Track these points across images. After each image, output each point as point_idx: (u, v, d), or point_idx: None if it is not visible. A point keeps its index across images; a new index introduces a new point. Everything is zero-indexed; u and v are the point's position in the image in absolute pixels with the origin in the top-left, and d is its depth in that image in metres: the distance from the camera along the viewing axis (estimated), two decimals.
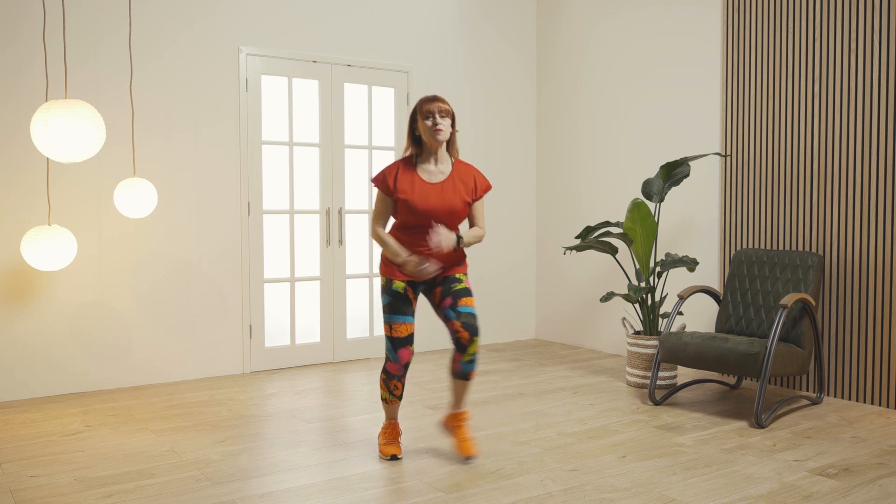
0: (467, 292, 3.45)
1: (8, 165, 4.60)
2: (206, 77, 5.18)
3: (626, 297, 4.92)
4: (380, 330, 5.98)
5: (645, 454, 3.59)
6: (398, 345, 3.43)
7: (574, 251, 5.40)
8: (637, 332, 5.03)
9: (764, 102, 4.95)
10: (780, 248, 4.87)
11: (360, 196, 5.84)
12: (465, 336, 3.36)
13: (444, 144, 3.45)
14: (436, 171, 3.43)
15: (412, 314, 3.46)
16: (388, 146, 5.95)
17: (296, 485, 3.21)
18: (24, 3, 4.60)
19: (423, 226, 3.40)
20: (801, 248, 4.77)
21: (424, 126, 3.37)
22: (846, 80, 4.52)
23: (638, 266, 5.31)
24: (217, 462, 3.49)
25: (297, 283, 5.61)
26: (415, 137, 3.46)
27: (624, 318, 5.10)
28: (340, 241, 5.73)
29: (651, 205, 5.74)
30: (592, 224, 5.90)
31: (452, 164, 3.47)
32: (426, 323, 6.17)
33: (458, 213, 3.42)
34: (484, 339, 6.49)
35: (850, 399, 4.56)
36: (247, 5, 5.31)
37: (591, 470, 3.37)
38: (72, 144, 3.23)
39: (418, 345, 6.14)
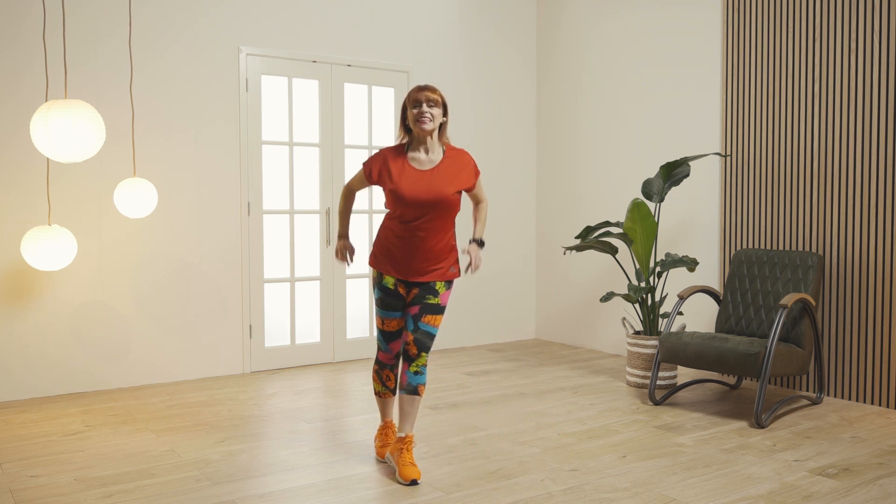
0: (437, 309, 3.36)
1: (8, 165, 4.60)
2: (206, 77, 5.18)
3: (626, 297, 4.92)
4: None
5: (645, 454, 3.59)
6: (388, 338, 3.44)
7: (574, 251, 5.40)
8: (637, 332, 5.03)
9: (764, 102, 4.95)
10: (780, 248, 4.87)
11: (360, 196, 5.84)
12: (413, 351, 3.34)
13: (436, 133, 3.35)
14: (426, 159, 3.34)
15: (402, 309, 3.40)
16: (388, 146, 5.95)
17: (296, 485, 3.21)
18: (24, 3, 4.60)
19: (416, 219, 3.30)
20: (801, 248, 4.77)
21: (411, 115, 3.30)
22: (846, 80, 4.52)
23: (638, 266, 5.31)
24: (217, 462, 3.49)
25: (297, 283, 5.61)
26: (406, 126, 3.40)
27: (624, 318, 5.10)
28: None
29: (651, 205, 5.74)
30: (592, 224, 5.90)
31: (444, 153, 3.38)
32: None
33: (448, 201, 3.29)
34: (484, 338, 6.49)
35: (850, 399, 4.56)
36: (247, 5, 5.31)
37: (591, 470, 3.37)
38: (72, 144, 3.23)
39: None
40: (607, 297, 4.94)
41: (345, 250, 3.59)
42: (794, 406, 4.46)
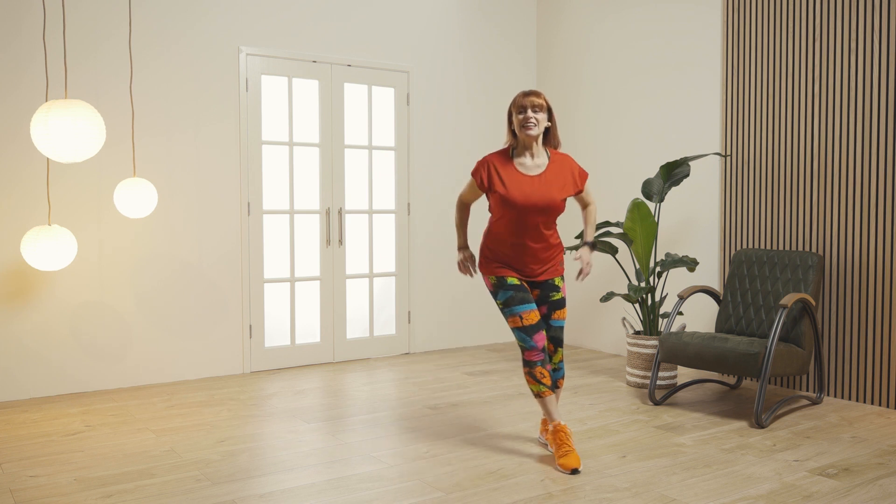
0: (562, 303, 3.54)
1: (8, 165, 4.60)
2: (206, 77, 5.18)
3: (626, 297, 4.92)
4: (379, 330, 5.98)
5: (645, 454, 3.59)
6: (532, 331, 3.42)
7: (574, 251, 5.40)
8: (637, 332, 5.03)
9: (764, 102, 4.95)
10: (780, 248, 4.87)
11: (361, 196, 5.84)
12: (550, 348, 3.55)
13: (541, 138, 3.44)
14: (532, 164, 3.42)
15: (533, 301, 3.47)
16: (389, 146, 5.95)
17: (296, 485, 3.21)
18: (24, 3, 4.60)
19: (526, 223, 3.39)
20: (801, 248, 4.77)
21: (517, 120, 3.38)
22: (846, 80, 4.52)
23: (638, 266, 5.31)
24: (217, 462, 3.49)
25: (297, 283, 5.61)
26: (513, 130, 3.46)
27: (624, 318, 5.10)
28: (340, 241, 5.73)
29: (651, 205, 5.74)
30: None
31: (549, 157, 3.46)
32: (425, 322, 6.17)
33: (556, 206, 3.39)
34: (484, 339, 6.50)
35: (850, 399, 4.56)
36: (247, 5, 5.31)
37: (591, 470, 3.37)
38: (72, 144, 3.23)
39: (420, 345, 6.14)
40: (607, 297, 4.94)
41: (466, 262, 3.65)
42: (794, 406, 4.46)
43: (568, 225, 6.43)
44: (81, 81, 4.78)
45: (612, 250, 5.05)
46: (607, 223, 5.06)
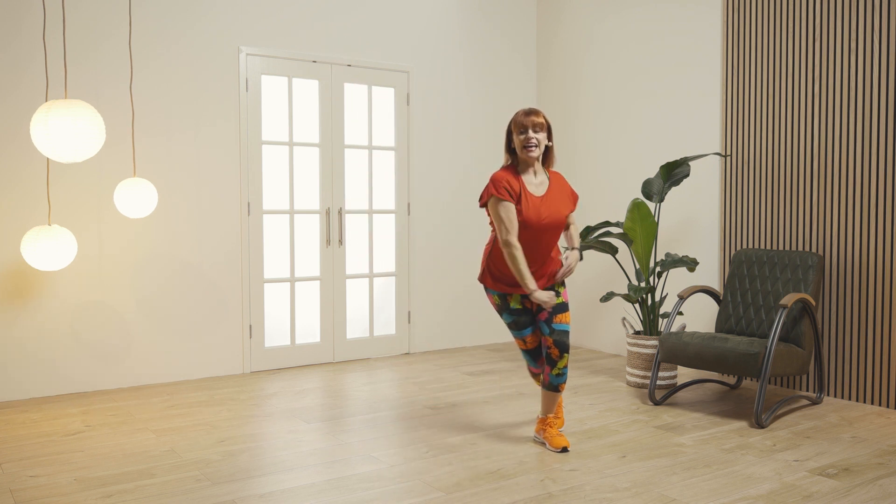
0: (564, 307, 3.56)
1: (8, 165, 4.60)
2: (206, 77, 5.18)
3: (626, 297, 4.92)
4: (379, 330, 5.98)
5: (645, 454, 3.59)
6: (535, 355, 3.71)
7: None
8: (637, 332, 5.03)
9: (764, 102, 4.95)
10: (780, 248, 4.87)
11: (360, 196, 5.84)
12: (555, 353, 3.55)
13: (540, 157, 3.46)
14: (536, 183, 3.43)
15: (533, 323, 3.63)
16: (389, 146, 5.95)
17: (296, 485, 3.21)
18: (24, 3, 4.60)
19: (532, 240, 3.42)
20: (801, 248, 4.77)
21: (518, 140, 3.37)
22: (846, 80, 4.52)
23: (638, 266, 5.31)
24: (217, 462, 3.49)
25: (297, 283, 5.61)
26: (511, 149, 3.46)
27: (624, 318, 5.10)
28: (340, 241, 5.73)
29: (651, 205, 5.74)
30: (592, 224, 5.90)
31: (547, 175, 3.50)
32: (425, 322, 6.17)
33: (563, 223, 3.49)
34: (484, 338, 6.50)
35: (850, 399, 4.56)
36: (247, 5, 5.31)
37: (591, 470, 3.37)
38: (72, 144, 3.23)
39: (420, 345, 6.14)
40: (607, 297, 4.94)
41: (551, 298, 3.45)
42: (794, 406, 4.46)
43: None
44: (81, 81, 4.78)
45: (612, 250, 5.05)
46: (607, 223, 5.06)
